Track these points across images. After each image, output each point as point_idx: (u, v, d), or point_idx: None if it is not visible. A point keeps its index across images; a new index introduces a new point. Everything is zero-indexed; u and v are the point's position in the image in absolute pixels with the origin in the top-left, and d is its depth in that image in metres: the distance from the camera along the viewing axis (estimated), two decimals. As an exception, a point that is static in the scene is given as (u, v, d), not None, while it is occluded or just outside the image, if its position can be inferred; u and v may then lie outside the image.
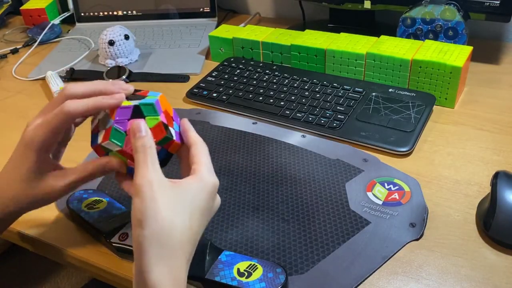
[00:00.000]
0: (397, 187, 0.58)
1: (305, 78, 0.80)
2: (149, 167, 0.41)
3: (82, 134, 0.52)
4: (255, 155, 0.66)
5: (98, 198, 0.58)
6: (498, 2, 0.78)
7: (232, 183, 0.61)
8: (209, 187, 0.43)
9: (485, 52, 0.88)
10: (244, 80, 0.82)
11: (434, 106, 0.72)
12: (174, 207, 0.40)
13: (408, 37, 0.84)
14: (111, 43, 0.91)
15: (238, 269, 0.47)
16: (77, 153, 0.64)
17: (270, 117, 0.73)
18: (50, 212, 0.58)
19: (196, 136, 0.47)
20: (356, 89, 0.76)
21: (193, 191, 0.42)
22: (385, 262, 0.50)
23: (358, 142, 0.66)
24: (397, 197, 0.57)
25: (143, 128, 0.43)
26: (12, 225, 0.50)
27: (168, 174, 0.42)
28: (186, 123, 0.48)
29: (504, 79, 0.81)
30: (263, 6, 1.16)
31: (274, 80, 0.80)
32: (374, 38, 0.81)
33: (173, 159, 0.49)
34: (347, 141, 0.67)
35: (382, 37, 0.81)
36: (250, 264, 0.48)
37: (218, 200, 0.46)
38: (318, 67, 0.82)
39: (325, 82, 0.78)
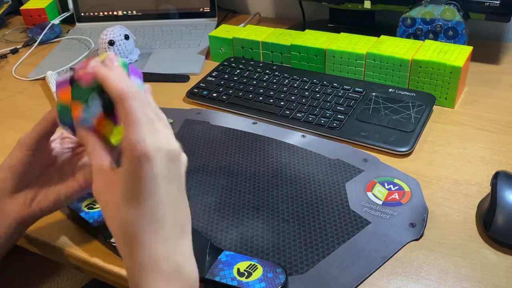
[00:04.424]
0: (397, 187, 0.58)
1: (305, 78, 0.80)
2: (96, 170, 0.40)
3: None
4: (255, 155, 0.66)
5: (98, 198, 0.58)
6: (498, 2, 0.78)
7: (232, 183, 0.61)
8: (135, 160, 0.37)
9: (485, 52, 0.88)
10: (244, 80, 0.82)
11: (434, 106, 0.72)
12: (117, 199, 0.38)
13: (408, 37, 0.84)
14: (111, 43, 0.91)
15: (238, 269, 0.47)
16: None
17: (270, 117, 0.73)
18: (50, 212, 0.58)
19: (119, 89, 0.39)
20: (356, 89, 0.76)
21: (122, 175, 0.38)
22: (385, 262, 0.50)
23: (358, 142, 0.66)
24: (397, 197, 0.57)
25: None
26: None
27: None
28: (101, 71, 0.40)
29: (504, 79, 0.81)
30: (263, 6, 1.16)
31: (274, 80, 0.80)
32: (374, 38, 0.81)
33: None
34: (347, 141, 0.67)
35: (382, 37, 0.81)
36: (250, 264, 0.48)
37: (166, 150, 0.38)
38: (318, 67, 0.82)
39: (325, 82, 0.78)
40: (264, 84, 0.80)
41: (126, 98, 0.38)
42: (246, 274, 0.47)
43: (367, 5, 0.89)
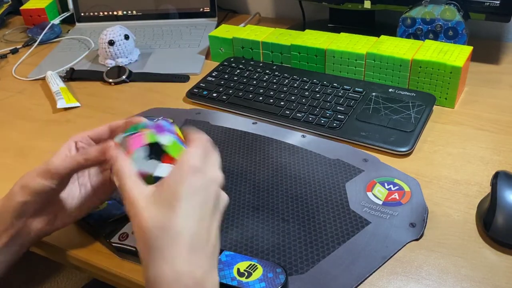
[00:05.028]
0: (397, 187, 0.58)
1: (305, 78, 0.80)
2: (128, 179, 0.41)
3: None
4: (255, 155, 0.66)
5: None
6: (498, 2, 0.78)
7: (232, 183, 0.61)
8: (185, 169, 0.41)
9: (485, 52, 0.88)
10: (244, 80, 0.82)
11: (434, 106, 0.72)
12: (157, 208, 0.40)
13: (408, 37, 0.84)
14: (111, 43, 0.91)
15: (238, 269, 0.47)
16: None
17: (270, 117, 0.73)
18: (50, 212, 0.58)
19: (195, 134, 0.45)
20: (356, 89, 0.76)
21: (170, 182, 0.40)
22: (385, 262, 0.50)
23: (358, 142, 0.66)
24: (397, 197, 0.57)
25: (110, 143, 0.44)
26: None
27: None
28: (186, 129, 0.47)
29: (504, 79, 0.81)
30: (263, 6, 1.16)
31: (274, 80, 0.80)
32: (374, 38, 0.81)
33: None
34: (347, 141, 0.67)
35: (382, 37, 0.81)
36: (250, 264, 0.48)
37: (208, 177, 0.42)
38: (318, 67, 0.82)
39: (325, 82, 0.78)
40: (264, 84, 0.80)
41: (199, 139, 0.44)
42: (246, 274, 0.47)
43: (367, 5, 0.89)
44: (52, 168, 0.46)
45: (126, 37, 0.93)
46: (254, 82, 0.81)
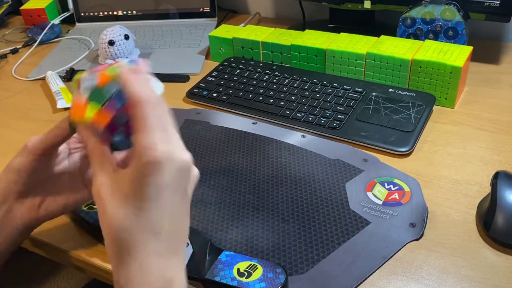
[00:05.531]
0: (397, 187, 0.58)
1: (305, 78, 0.80)
2: (97, 170, 0.39)
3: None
4: (255, 155, 0.66)
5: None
6: (498, 2, 0.78)
7: (232, 183, 0.61)
8: (147, 168, 0.36)
9: (485, 52, 0.88)
10: (244, 80, 0.82)
11: (434, 106, 0.72)
12: (125, 208, 0.37)
13: (408, 37, 0.84)
14: (111, 43, 0.91)
15: (238, 269, 0.47)
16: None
17: (270, 117, 0.73)
18: (50, 212, 0.58)
19: (138, 93, 0.38)
20: (356, 89, 0.76)
21: (133, 179, 0.36)
22: (385, 262, 0.50)
23: (358, 142, 0.66)
24: (397, 197, 0.57)
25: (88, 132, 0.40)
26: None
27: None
28: (127, 76, 0.39)
29: (504, 79, 0.81)
30: (263, 6, 1.16)
31: (274, 80, 0.80)
32: (374, 38, 0.81)
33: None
34: (347, 141, 0.67)
35: (382, 37, 0.81)
36: (250, 264, 0.48)
37: (174, 167, 0.37)
38: (318, 67, 0.82)
39: (325, 82, 0.78)
40: (264, 84, 0.80)
41: (143, 102, 0.37)
42: (246, 274, 0.47)
43: (367, 5, 0.89)
44: (29, 145, 0.46)
45: (126, 37, 0.93)
46: (254, 82, 0.81)
